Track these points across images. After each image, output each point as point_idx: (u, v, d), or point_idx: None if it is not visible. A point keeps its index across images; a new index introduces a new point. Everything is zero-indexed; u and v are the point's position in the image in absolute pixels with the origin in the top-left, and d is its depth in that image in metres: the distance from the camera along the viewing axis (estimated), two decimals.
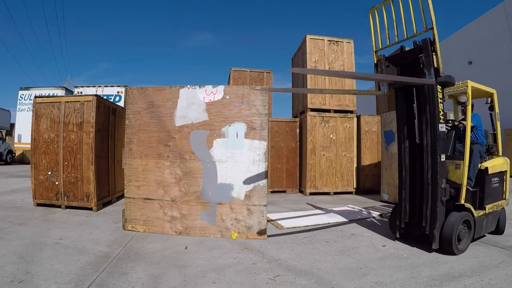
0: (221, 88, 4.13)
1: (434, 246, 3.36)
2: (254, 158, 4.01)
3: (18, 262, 2.94)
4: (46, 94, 12.97)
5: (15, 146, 15.29)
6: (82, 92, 12.77)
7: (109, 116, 5.97)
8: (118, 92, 12.89)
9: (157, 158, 4.17)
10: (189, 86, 4.18)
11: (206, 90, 4.13)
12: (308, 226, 4.62)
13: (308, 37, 8.19)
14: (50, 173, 5.46)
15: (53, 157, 5.46)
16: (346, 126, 8.13)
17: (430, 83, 3.37)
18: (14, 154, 16.95)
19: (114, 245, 3.58)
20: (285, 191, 8.21)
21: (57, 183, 5.42)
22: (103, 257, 3.19)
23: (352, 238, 4.05)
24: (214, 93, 4.12)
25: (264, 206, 3.97)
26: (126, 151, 4.25)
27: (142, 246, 3.56)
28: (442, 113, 3.43)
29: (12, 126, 18.29)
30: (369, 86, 22.90)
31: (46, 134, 5.51)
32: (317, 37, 8.22)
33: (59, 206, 5.43)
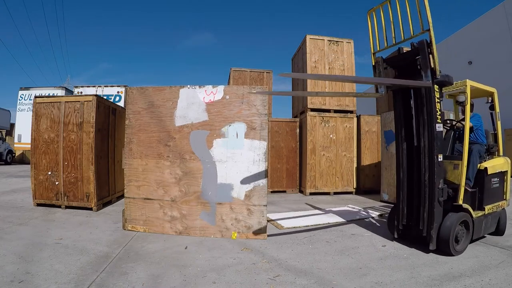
0: (221, 88, 4.13)
1: (431, 247, 3.34)
2: (254, 158, 4.01)
3: (18, 262, 2.94)
4: (46, 94, 12.98)
5: (15, 146, 15.29)
6: (82, 92, 12.77)
7: (109, 116, 5.97)
8: (118, 92, 12.88)
9: (157, 158, 4.17)
10: (189, 86, 4.18)
11: (206, 90, 4.13)
12: (308, 226, 4.62)
13: (308, 37, 8.19)
14: (50, 173, 5.46)
15: (53, 157, 5.47)
16: (346, 126, 8.13)
17: (427, 85, 3.34)
18: (14, 154, 16.95)
19: (114, 245, 3.59)
20: (285, 191, 8.21)
21: (57, 183, 5.42)
22: (103, 257, 3.19)
23: (352, 238, 4.05)
24: (214, 93, 4.12)
25: (264, 206, 3.98)
26: (126, 151, 4.25)
27: (142, 246, 3.56)
28: (439, 113, 3.40)
29: (12, 126, 18.29)
30: (368, 87, 22.90)
31: (46, 134, 5.51)
32: (317, 37, 8.22)
33: (59, 206, 5.43)
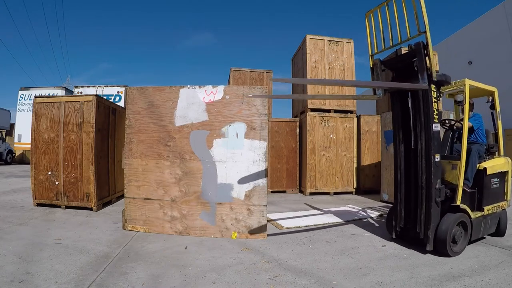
0: (221, 88, 4.13)
1: (428, 247, 3.31)
2: (254, 158, 4.01)
3: (18, 262, 2.94)
4: (46, 94, 12.98)
5: (15, 146, 15.28)
6: (82, 92, 12.77)
7: (109, 116, 5.97)
8: (118, 92, 12.88)
9: (157, 158, 4.17)
10: (189, 86, 4.18)
11: (206, 90, 4.13)
12: (308, 226, 4.62)
13: (308, 37, 8.19)
14: (50, 173, 5.46)
15: (53, 157, 5.47)
16: (346, 126, 8.13)
17: (423, 88, 3.33)
18: (14, 154, 16.96)
19: (114, 245, 3.58)
20: (285, 191, 8.21)
21: (57, 183, 5.42)
22: (103, 257, 3.19)
23: (352, 238, 4.05)
24: (214, 93, 4.12)
25: (264, 206, 3.98)
26: (126, 151, 4.25)
27: (142, 246, 3.56)
28: (436, 112, 3.38)
29: (12, 126, 18.29)
30: (366, 89, 22.85)
31: (46, 134, 5.51)
32: (317, 37, 8.22)
33: (59, 206, 5.43)
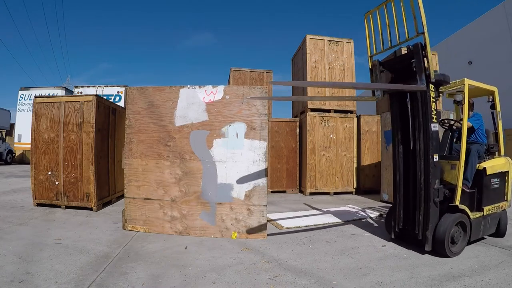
0: (221, 88, 4.13)
1: (426, 247, 3.30)
2: (254, 158, 4.01)
3: (18, 262, 2.94)
4: (46, 94, 12.98)
5: (15, 146, 15.28)
6: (82, 92, 12.77)
7: (109, 116, 5.97)
8: (118, 92, 12.88)
9: (157, 158, 4.17)
10: (189, 86, 4.18)
11: (206, 90, 4.13)
12: (308, 226, 4.62)
13: (308, 37, 8.19)
14: (50, 173, 5.46)
15: (53, 157, 5.47)
16: (346, 126, 8.13)
17: (421, 89, 3.33)
18: (14, 154, 16.95)
19: (114, 245, 3.58)
20: (285, 191, 8.21)
21: (57, 183, 5.42)
22: (103, 257, 3.19)
23: (352, 238, 4.05)
24: (214, 93, 4.12)
25: (264, 206, 3.98)
26: (126, 151, 4.25)
27: (142, 246, 3.56)
28: (434, 112, 3.37)
29: (12, 126, 18.29)
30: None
31: (46, 134, 5.51)
32: (317, 37, 8.22)
33: (59, 206, 5.43)
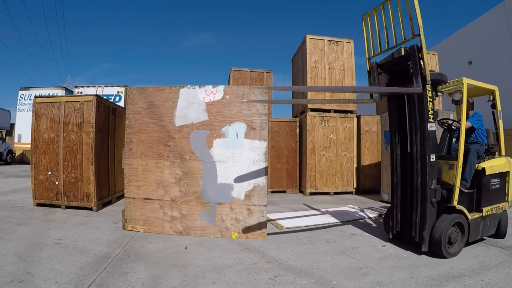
0: (221, 88, 4.13)
1: (423, 248, 3.29)
2: (254, 158, 4.01)
3: (18, 262, 2.94)
4: (46, 94, 12.97)
5: (15, 146, 15.27)
6: (82, 92, 12.76)
7: (109, 116, 5.97)
8: (118, 92, 12.88)
9: (157, 158, 4.17)
10: (189, 86, 4.18)
11: (206, 90, 4.13)
12: (308, 226, 4.62)
13: (308, 37, 8.19)
14: (50, 173, 5.46)
15: (53, 157, 5.47)
16: (346, 126, 8.13)
17: (417, 92, 3.33)
18: (14, 154, 16.95)
19: (114, 245, 3.58)
20: (285, 191, 8.21)
21: (57, 183, 5.42)
22: (103, 257, 3.19)
23: (352, 238, 4.05)
24: (214, 93, 4.12)
25: (264, 206, 3.98)
26: (126, 151, 4.25)
27: (142, 246, 3.56)
28: (431, 112, 3.36)
29: (12, 126, 18.29)
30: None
31: (46, 134, 5.51)
32: (317, 37, 8.22)
33: (59, 206, 5.43)
